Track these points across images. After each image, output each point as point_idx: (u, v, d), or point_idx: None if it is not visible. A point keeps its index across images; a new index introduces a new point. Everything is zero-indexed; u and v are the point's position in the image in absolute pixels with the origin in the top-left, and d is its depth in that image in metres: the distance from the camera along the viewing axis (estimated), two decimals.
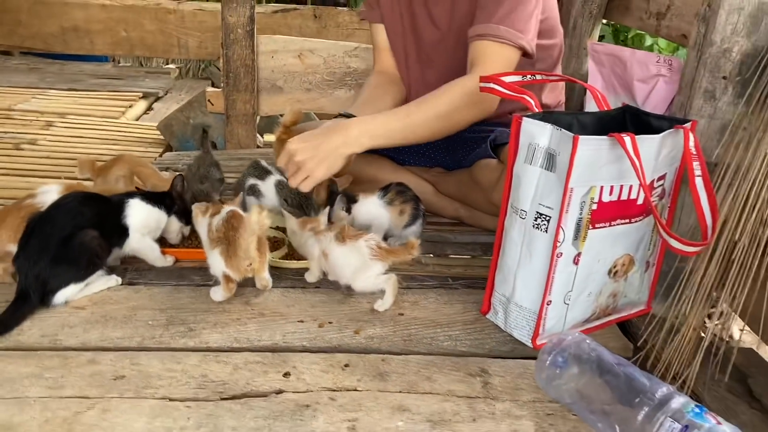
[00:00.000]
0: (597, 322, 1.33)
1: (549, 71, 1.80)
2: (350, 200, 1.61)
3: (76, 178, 1.76)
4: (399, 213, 1.63)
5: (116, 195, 1.44)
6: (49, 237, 1.27)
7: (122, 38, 3.58)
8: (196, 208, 1.41)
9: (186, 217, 1.49)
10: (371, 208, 1.63)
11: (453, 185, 1.88)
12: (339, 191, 1.62)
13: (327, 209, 1.54)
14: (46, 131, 2.52)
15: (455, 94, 1.53)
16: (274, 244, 1.60)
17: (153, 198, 1.46)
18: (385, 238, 1.62)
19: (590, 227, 1.18)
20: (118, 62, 4.31)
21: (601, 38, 3.24)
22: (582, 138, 1.11)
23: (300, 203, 1.62)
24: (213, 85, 3.75)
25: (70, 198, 1.34)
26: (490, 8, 1.55)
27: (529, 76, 1.42)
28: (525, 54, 1.57)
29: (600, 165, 1.15)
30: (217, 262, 1.31)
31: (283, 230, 1.61)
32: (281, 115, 2.81)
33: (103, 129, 2.63)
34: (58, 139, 2.45)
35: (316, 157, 1.44)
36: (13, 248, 1.33)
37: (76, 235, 1.28)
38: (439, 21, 1.75)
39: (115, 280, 1.38)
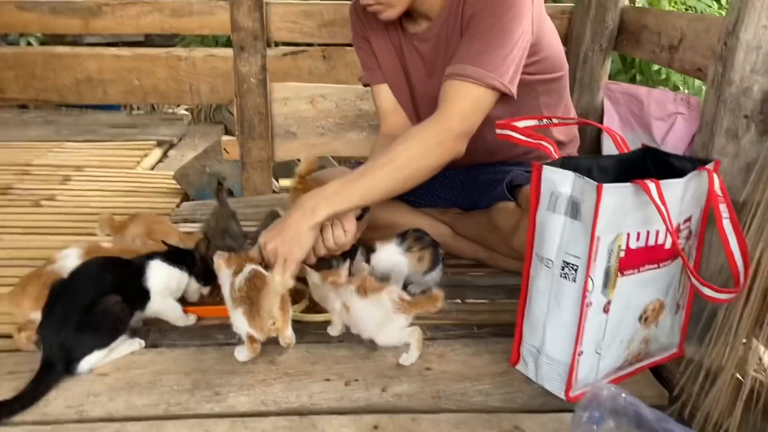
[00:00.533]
0: (630, 369, 1.30)
1: (555, 104, 1.79)
2: (369, 250, 1.60)
3: (95, 235, 1.77)
4: (418, 260, 1.62)
5: (137, 257, 1.44)
6: (71, 304, 1.27)
7: (135, 87, 3.62)
8: (219, 258, 1.40)
9: (205, 279, 1.49)
10: (390, 255, 1.62)
11: (471, 227, 1.87)
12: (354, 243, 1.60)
13: (347, 261, 1.53)
14: (64, 186, 2.54)
15: (412, 142, 1.48)
16: (295, 296, 1.58)
17: (173, 258, 1.46)
18: (405, 285, 1.61)
19: (619, 275, 1.16)
20: (132, 110, 4.37)
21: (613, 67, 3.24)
22: (606, 186, 1.10)
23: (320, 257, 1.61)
24: (226, 129, 3.78)
25: (91, 264, 1.34)
26: (461, 51, 1.52)
27: (545, 120, 1.42)
28: (502, 93, 1.52)
29: (626, 212, 1.14)
30: (240, 322, 1.30)
31: (302, 280, 1.60)
32: (298, 160, 2.85)
33: (120, 180, 2.65)
34: (76, 194, 2.46)
35: (284, 241, 1.41)
36: (35, 316, 1.33)
37: (98, 301, 1.28)
38: (433, 71, 1.72)
39: (138, 343, 1.37)
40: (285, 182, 2.77)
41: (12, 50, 3.62)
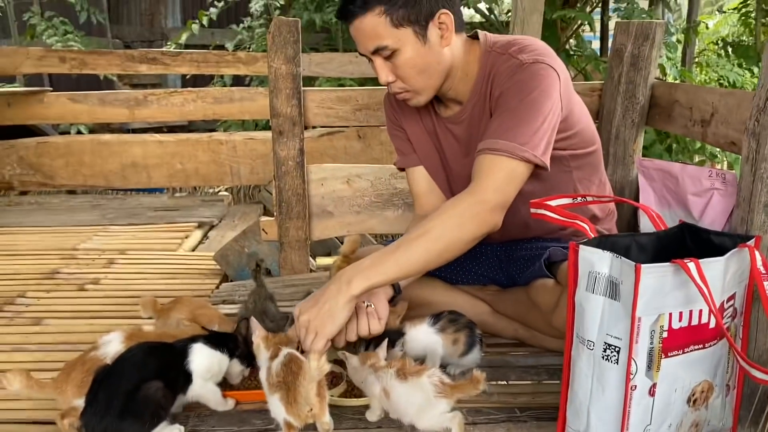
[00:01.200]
0: None
1: (589, 178, 1.79)
2: (399, 333, 1.59)
3: (139, 318, 1.80)
4: (453, 342, 1.59)
5: (179, 341, 1.46)
6: (115, 390, 1.28)
7: (178, 170, 3.77)
8: (259, 338, 1.41)
9: (248, 360, 1.50)
10: (422, 336, 1.60)
11: (510, 305, 1.85)
12: (389, 329, 1.60)
13: (385, 341, 1.52)
14: (108, 269, 2.61)
15: (447, 215, 1.48)
16: (333, 379, 1.58)
17: (215, 342, 1.48)
18: (443, 367, 1.58)
19: (663, 356, 1.13)
20: (174, 192, 4.52)
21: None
22: (644, 267, 1.09)
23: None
24: (264, 209, 3.87)
25: (136, 349, 1.36)
26: (492, 127, 1.55)
27: (579, 198, 1.42)
28: (536, 167, 1.52)
29: (666, 291, 1.12)
30: (277, 408, 1.30)
31: (340, 363, 1.59)
32: (336, 239, 2.89)
33: (162, 263, 2.71)
34: (120, 277, 2.53)
35: (318, 313, 1.41)
36: (78, 403, 1.34)
37: (140, 387, 1.29)
38: (468, 151, 1.75)
39: (178, 429, 1.37)
40: (322, 261, 2.81)
41: (63, 139, 3.82)
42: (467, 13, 5.35)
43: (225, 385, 1.52)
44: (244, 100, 3.71)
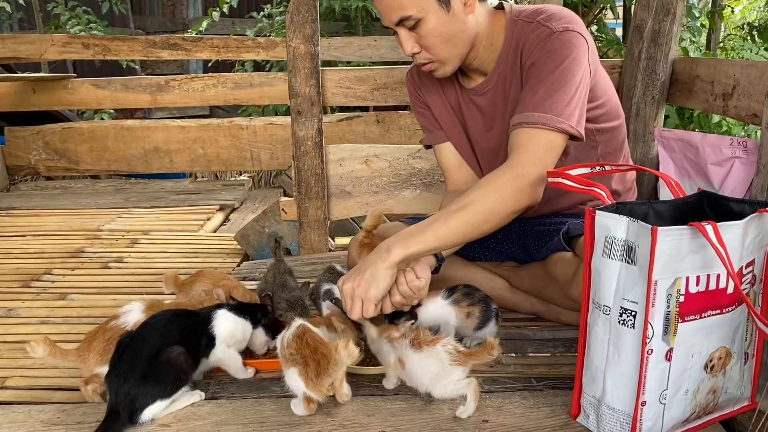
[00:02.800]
0: (698, 422, 1.25)
1: (614, 153, 1.78)
2: (413, 306, 1.60)
3: (163, 293, 1.84)
4: (467, 315, 1.60)
5: (204, 308, 1.49)
6: (138, 355, 1.31)
7: (199, 155, 3.82)
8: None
9: (273, 331, 1.52)
10: (435, 308, 1.61)
11: (527, 280, 1.85)
12: None
13: (408, 322, 1.52)
14: (131, 249, 2.66)
15: (487, 189, 1.49)
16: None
17: (240, 309, 1.50)
18: (459, 340, 1.59)
19: (680, 320, 1.13)
20: (196, 177, 4.56)
21: (666, 118, 3.22)
22: (661, 229, 1.09)
23: None
24: (285, 193, 3.90)
25: (159, 316, 1.39)
26: (525, 99, 1.54)
27: (598, 167, 1.42)
28: (572, 137, 1.53)
29: (683, 255, 1.12)
30: (295, 382, 1.30)
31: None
32: (352, 219, 2.91)
33: (184, 243, 2.75)
34: (143, 256, 2.57)
35: (361, 281, 1.43)
36: (101, 370, 1.38)
37: (163, 351, 1.32)
38: (492, 124, 1.76)
39: (198, 395, 1.40)
40: (341, 241, 2.83)
41: (87, 125, 3.87)
42: None
43: (245, 354, 1.55)
44: (263, 85, 3.74)
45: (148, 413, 1.30)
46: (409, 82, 1.91)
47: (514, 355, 1.62)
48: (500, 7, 1.68)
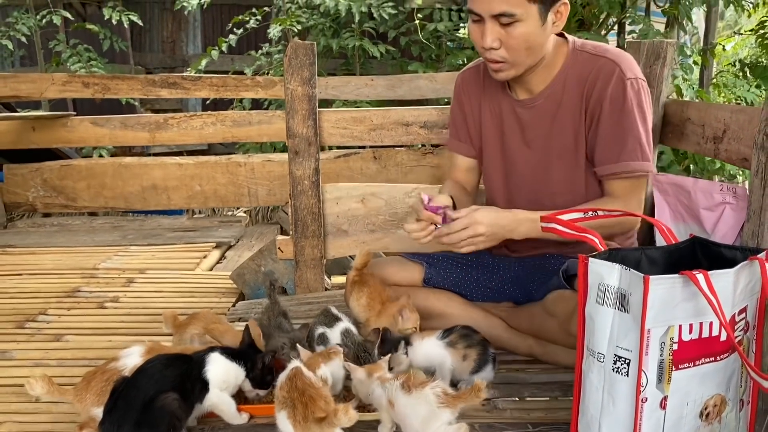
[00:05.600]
0: None
1: None
2: (406, 343, 1.61)
3: (159, 333, 1.84)
4: (462, 357, 1.60)
5: (197, 352, 1.49)
6: (132, 402, 1.31)
7: (197, 192, 3.83)
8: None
9: (263, 383, 1.52)
10: (429, 349, 1.62)
11: (525, 319, 1.86)
12: (392, 336, 1.62)
13: (388, 356, 1.53)
14: (127, 288, 2.65)
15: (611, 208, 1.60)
16: (344, 397, 1.59)
17: (231, 353, 1.50)
18: (455, 384, 1.59)
19: (673, 368, 1.14)
20: (193, 213, 4.57)
21: (661, 153, 3.25)
22: (653, 278, 1.10)
23: (357, 354, 1.62)
24: (281, 229, 3.91)
25: (154, 361, 1.39)
26: (617, 147, 1.68)
27: (590, 212, 1.43)
28: None
29: (675, 303, 1.13)
30: (284, 426, 1.31)
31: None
32: (349, 257, 2.91)
33: (180, 282, 2.74)
34: (138, 296, 2.56)
35: (489, 237, 1.63)
36: (97, 412, 1.38)
37: (157, 398, 1.32)
38: (529, 140, 1.84)
39: None
40: (337, 279, 2.83)
41: (85, 162, 3.89)
42: None
43: (239, 399, 1.54)
44: (262, 123, 3.77)
45: None
46: (458, 86, 1.99)
47: (510, 399, 1.61)
48: (562, 35, 1.77)
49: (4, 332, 2.18)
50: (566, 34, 1.78)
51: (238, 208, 4.91)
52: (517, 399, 1.62)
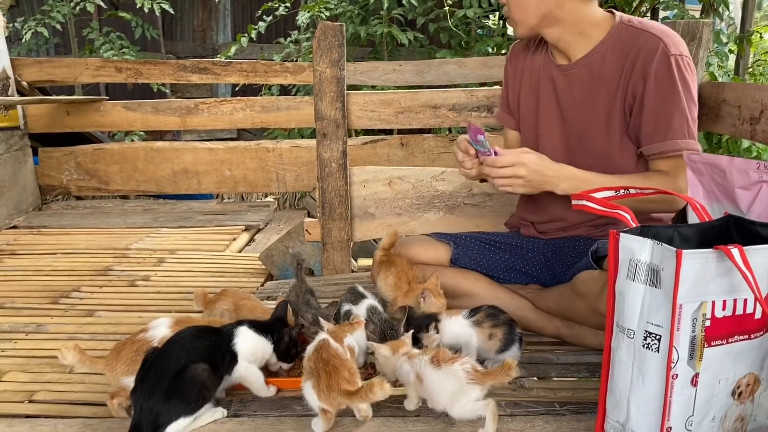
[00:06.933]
0: None
1: None
2: (435, 320, 1.61)
3: (188, 311, 1.86)
4: (489, 337, 1.60)
5: (226, 325, 1.52)
6: (163, 371, 1.33)
7: (226, 177, 3.87)
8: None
9: (288, 357, 1.55)
10: (455, 327, 1.61)
11: (552, 300, 1.84)
12: (421, 315, 1.63)
13: (410, 331, 1.53)
14: (158, 268, 2.70)
15: (659, 184, 1.61)
16: (371, 372, 1.60)
17: (260, 327, 1.52)
18: (481, 362, 1.58)
19: (705, 345, 1.12)
20: (222, 199, 4.62)
21: None
22: (686, 252, 1.08)
23: (383, 331, 1.63)
24: (309, 215, 3.93)
25: (185, 332, 1.41)
26: (660, 125, 1.68)
27: (622, 190, 1.41)
28: None
29: (708, 279, 1.10)
30: (309, 395, 1.33)
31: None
32: (374, 241, 2.92)
33: (210, 262, 2.78)
34: (169, 275, 2.60)
35: (529, 183, 1.66)
36: (126, 381, 1.40)
37: (188, 368, 1.34)
38: (562, 105, 1.86)
39: (221, 412, 1.41)
40: (363, 262, 2.84)
41: (117, 145, 3.96)
42: None
43: (268, 373, 1.56)
44: (290, 108, 3.79)
45: (171, 430, 1.31)
46: (507, 57, 2.06)
47: (537, 379, 1.61)
48: (611, 12, 1.80)
49: (39, 307, 2.23)
50: (615, 11, 1.79)
51: (266, 195, 4.94)
52: (543, 379, 1.61)
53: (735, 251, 1.08)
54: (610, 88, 1.73)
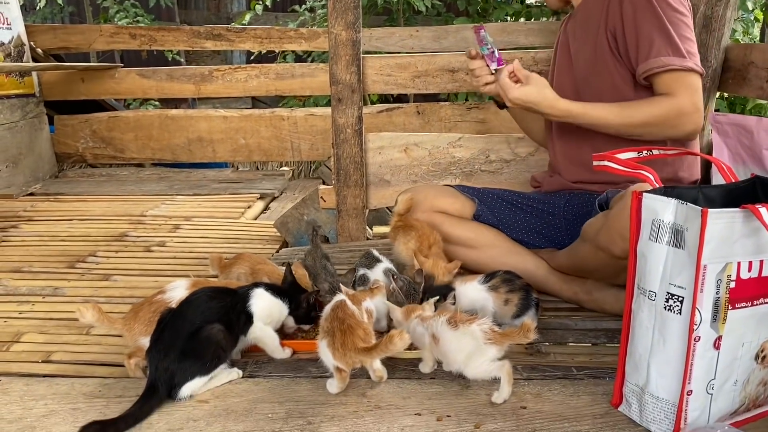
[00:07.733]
0: (747, 415, 1.20)
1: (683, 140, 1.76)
2: (448, 289, 1.59)
3: (203, 276, 1.86)
4: (504, 302, 1.58)
5: (242, 286, 1.51)
6: (178, 331, 1.33)
7: (241, 145, 3.85)
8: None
9: (305, 320, 1.54)
10: (471, 292, 1.60)
11: (563, 254, 1.84)
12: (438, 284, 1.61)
13: (433, 300, 1.52)
14: (174, 234, 2.70)
15: (663, 108, 1.65)
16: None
17: (275, 290, 1.52)
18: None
19: (729, 307, 1.09)
20: (237, 167, 4.62)
21: (716, 111, 3.11)
22: (711, 211, 1.05)
23: (408, 291, 1.61)
24: (324, 184, 3.91)
25: (200, 293, 1.41)
26: (643, 46, 1.69)
27: (645, 152, 1.38)
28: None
29: (734, 239, 1.07)
30: (324, 354, 1.32)
31: None
32: (388, 209, 2.89)
33: (225, 229, 2.78)
34: (184, 241, 2.61)
35: (527, 95, 1.71)
36: (143, 341, 1.40)
37: (203, 328, 1.33)
38: (569, 52, 1.93)
39: (236, 373, 1.41)
40: (378, 229, 2.82)
41: (132, 113, 3.95)
42: None
43: (283, 335, 1.55)
44: (305, 75, 3.75)
45: (186, 389, 1.31)
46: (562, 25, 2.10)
47: (554, 344, 1.59)
48: None
49: (55, 271, 2.25)
50: None
51: (281, 165, 4.92)
52: (560, 344, 1.60)
53: (763, 210, 1.04)
54: (600, 27, 1.79)
